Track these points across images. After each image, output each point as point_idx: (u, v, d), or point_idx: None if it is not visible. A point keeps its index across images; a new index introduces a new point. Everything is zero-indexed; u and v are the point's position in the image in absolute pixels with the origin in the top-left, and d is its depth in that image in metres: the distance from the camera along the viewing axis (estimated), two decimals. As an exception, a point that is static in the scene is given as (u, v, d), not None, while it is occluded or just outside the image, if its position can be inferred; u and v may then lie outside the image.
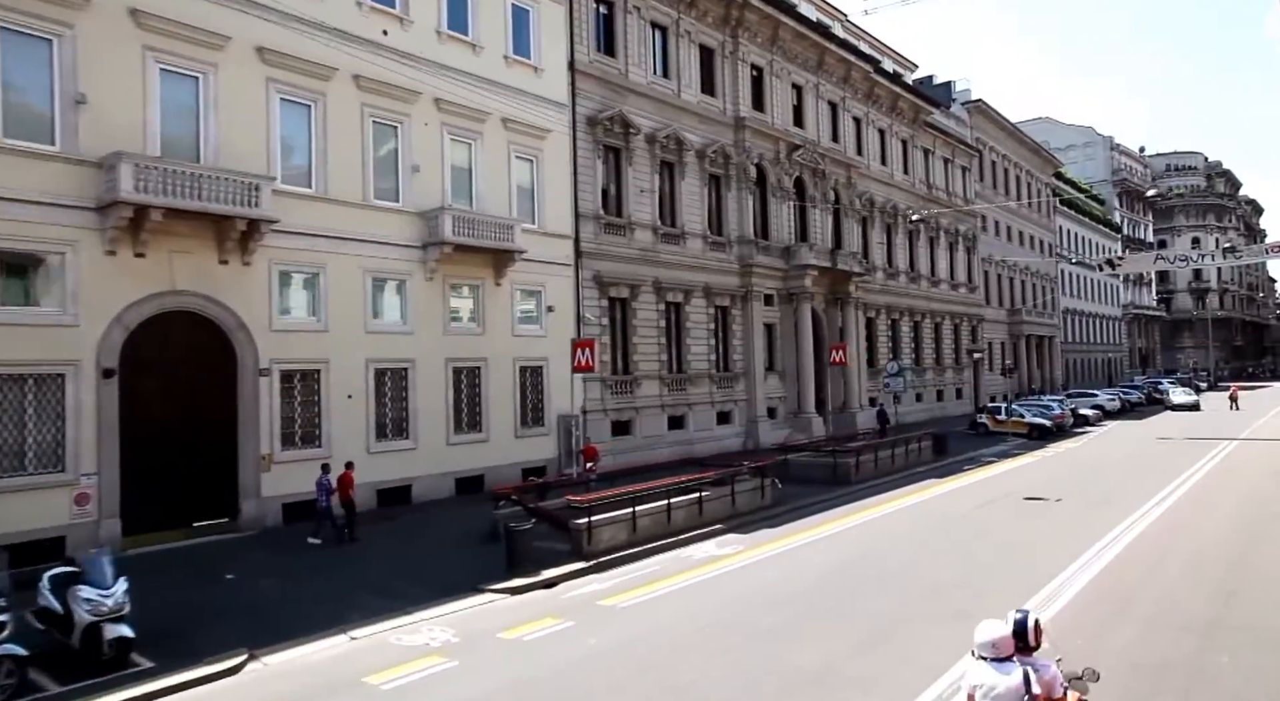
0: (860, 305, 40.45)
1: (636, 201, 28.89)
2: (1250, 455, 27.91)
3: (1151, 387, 63.09)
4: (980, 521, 17.92)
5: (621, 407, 27.67)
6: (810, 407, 34.87)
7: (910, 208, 46.09)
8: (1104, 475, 24.03)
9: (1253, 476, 22.72)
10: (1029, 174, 66.85)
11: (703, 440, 30.68)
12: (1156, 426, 41.41)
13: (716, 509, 18.11)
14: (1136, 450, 30.63)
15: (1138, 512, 17.85)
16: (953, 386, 50.76)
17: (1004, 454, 30.65)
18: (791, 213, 36.57)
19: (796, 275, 34.87)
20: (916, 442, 27.63)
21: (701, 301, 31.35)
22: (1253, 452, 28.60)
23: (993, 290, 58.15)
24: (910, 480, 24.27)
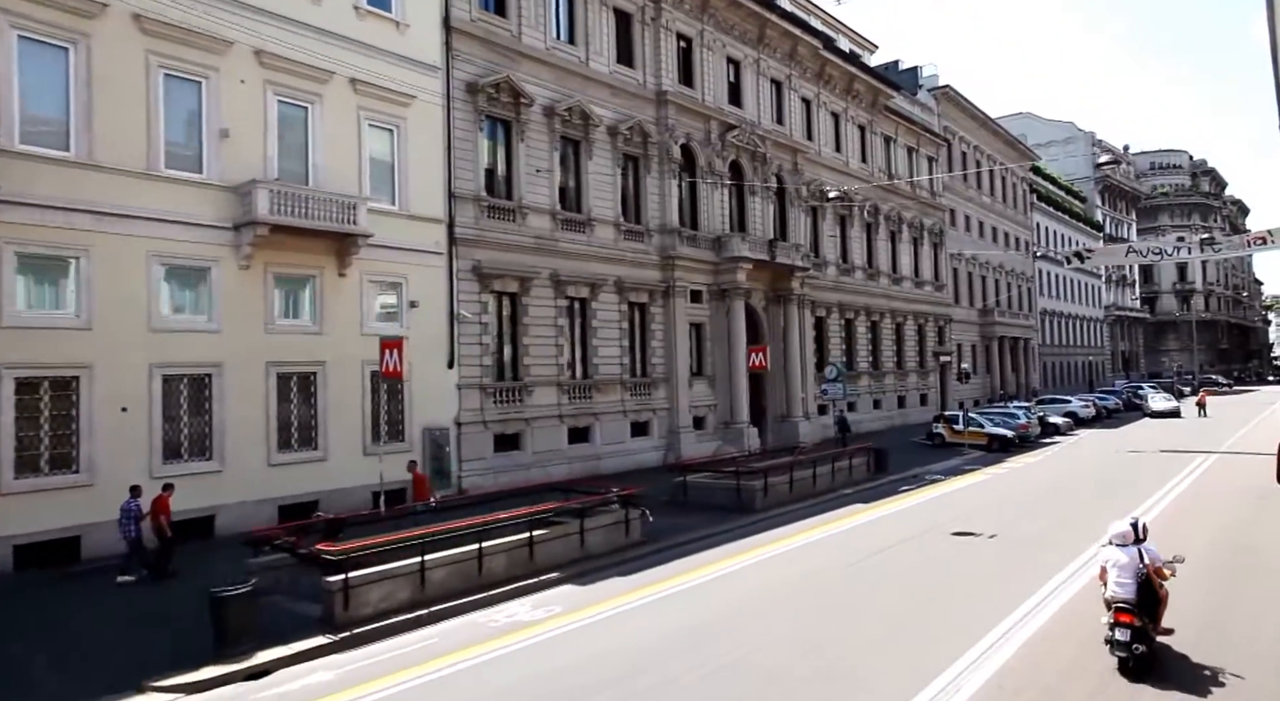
0: (807, 303, 36.84)
1: (530, 182, 25.21)
2: (1228, 472, 24.37)
3: (1131, 393, 59.82)
4: (885, 569, 14.27)
5: (508, 418, 23.95)
6: (743, 417, 31.21)
7: (865, 196, 42.55)
8: (1056, 499, 20.43)
9: (1230, 502, 19.15)
10: (1004, 167, 63.46)
11: (613, 454, 27.00)
12: (1130, 436, 37.92)
13: (557, 552, 14.43)
14: (1102, 466, 27.08)
15: (1082, 558, 14.24)
16: (916, 391, 47.22)
17: (954, 470, 27.06)
18: (726, 200, 32.94)
19: (728, 269, 31.24)
20: (847, 459, 23.96)
21: (613, 297, 27.68)
22: (1231, 469, 25.07)
23: (963, 289, 54.69)
24: (831, 506, 20.64)
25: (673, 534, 17.13)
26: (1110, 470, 25.89)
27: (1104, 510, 17.37)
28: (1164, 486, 21.79)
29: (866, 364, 42.23)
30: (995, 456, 31.11)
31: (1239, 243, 29.49)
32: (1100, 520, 17.04)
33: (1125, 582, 9.06)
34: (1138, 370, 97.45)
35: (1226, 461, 27.24)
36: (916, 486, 23.71)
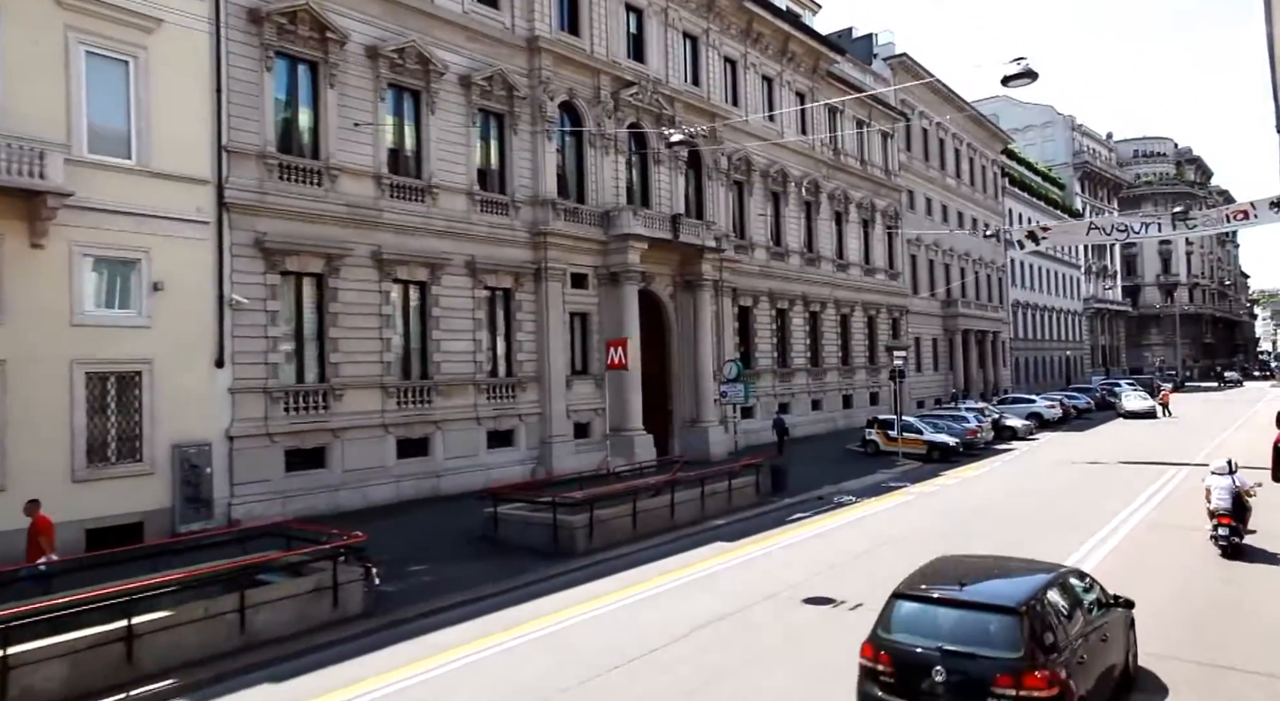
0: (727, 291, 32.16)
1: (346, 138, 20.43)
2: (1200, 495, 19.77)
3: (1106, 390, 55.44)
4: (656, 681, 9.58)
5: (306, 429, 19.20)
6: (635, 423, 26.51)
7: (804, 172, 37.86)
8: (970, 541, 15.76)
9: (1196, 547, 14.52)
10: (971, 148, 58.91)
11: (461, 470, 22.29)
12: (1096, 442, 33.41)
13: (189, 643, 9.69)
14: (1047, 485, 22.51)
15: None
16: (865, 390, 42.62)
17: (871, 490, 22.45)
18: (621, 170, 28.18)
19: (618, 248, 26.51)
20: (726, 480, 19.24)
21: (464, 280, 22.94)
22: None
23: (922, 278, 50.10)
24: (683, 545, 15.97)
25: (426, 597, 12.45)
26: (1055, 490, 21.30)
27: (1036, 552, 12.73)
28: (1120, 513, 17.17)
29: (804, 360, 37.60)
30: (932, 468, 26.54)
31: (1216, 217, 24.96)
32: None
33: (1224, 498, 13.83)
34: (1118, 366, 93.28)
35: (1200, 477, 22.67)
36: (812, 514, 19.06)
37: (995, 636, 6.90)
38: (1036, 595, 7.31)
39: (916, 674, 6.91)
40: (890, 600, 7.62)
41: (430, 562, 14.39)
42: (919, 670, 6.90)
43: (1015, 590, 7.48)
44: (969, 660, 6.79)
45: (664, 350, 29.83)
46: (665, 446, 29.39)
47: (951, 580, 7.74)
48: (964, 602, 7.31)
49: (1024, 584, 7.67)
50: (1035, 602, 7.16)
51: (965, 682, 6.73)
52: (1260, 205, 23.91)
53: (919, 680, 6.88)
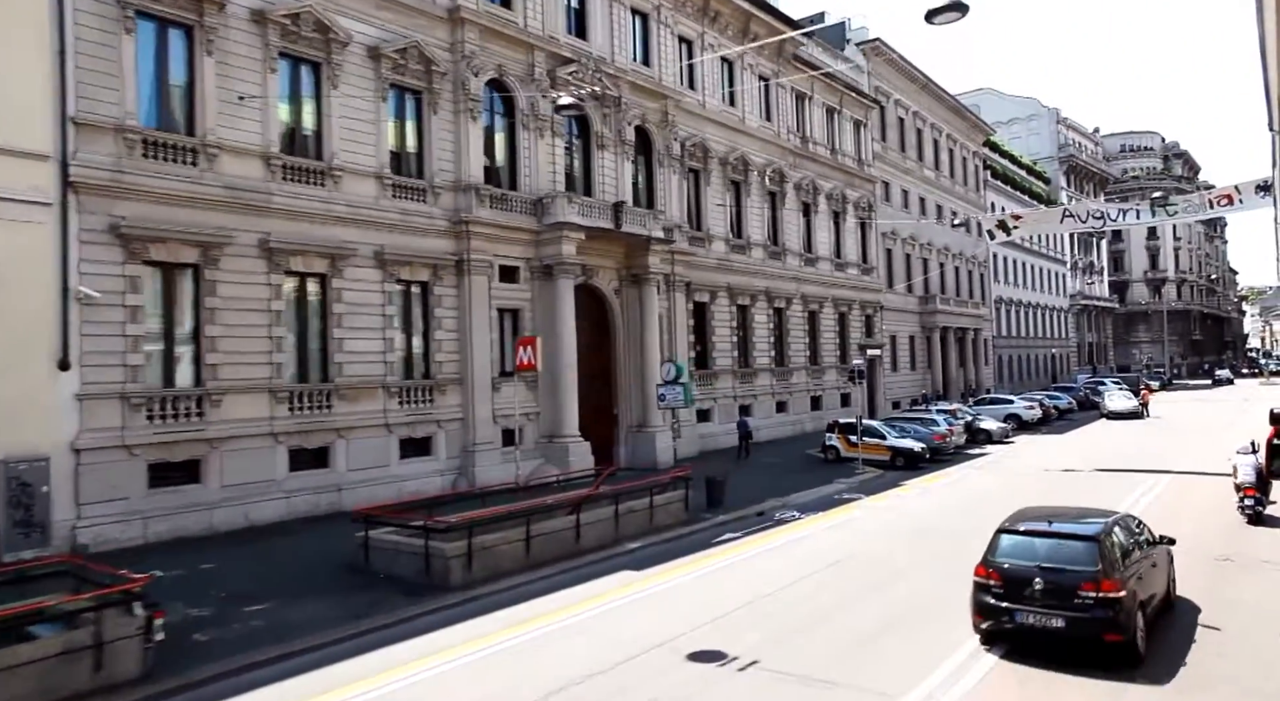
0: (679, 285, 30.05)
1: (226, 113, 18.20)
2: (1181, 509, 17.78)
3: (1090, 390, 53.58)
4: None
5: (177, 439, 16.99)
6: (571, 429, 24.37)
7: (768, 160, 35.74)
8: (913, 573, 13.69)
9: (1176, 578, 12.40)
10: (951, 139, 56.92)
11: (369, 482, 20.10)
12: (1074, 446, 31.44)
13: None
14: (1015, 497, 20.36)
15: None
16: (835, 390, 40.52)
17: (819, 503, 20.38)
18: (558, 155, 26.01)
19: (552, 239, 24.35)
20: (648, 496, 17.05)
21: (372, 273, 20.75)
22: (1186, 504, 18.51)
23: (898, 273, 48.06)
24: (583, 576, 13.84)
25: (242, 648, 10.28)
26: (1019, 505, 19.19)
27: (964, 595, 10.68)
28: None
29: (768, 359, 35.50)
30: (895, 477, 24.51)
31: (1199, 202, 22.97)
32: (948, 628, 10.39)
33: (1249, 474, 16.41)
34: (1105, 363, 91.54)
35: (1182, 489, 20.68)
36: (744, 535, 16.95)
37: (1079, 556, 9.41)
38: (1106, 529, 9.89)
39: (1019, 584, 9.41)
40: (995, 535, 10.22)
41: (274, 600, 12.23)
42: (1022, 582, 9.40)
43: (1090, 526, 10.08)
44: (1060, 573, 9.31)
45: (609, 350, 27.69)
46: (610, 453, 27.30)
47: (1041, 520, 10.52)
48: (1054, 534, 9.96)
49: (1096, 522, 10.29)
50: (1106, 534, 9.74)
51: (1057, 589, 9.20)
52: (1245, 189, 21.92)
53: (1022, 589, 9.38)
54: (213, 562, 14.53)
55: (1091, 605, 9.04)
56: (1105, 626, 9.00)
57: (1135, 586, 9.45)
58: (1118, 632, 9.01)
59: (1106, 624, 8.99)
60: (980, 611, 9.77)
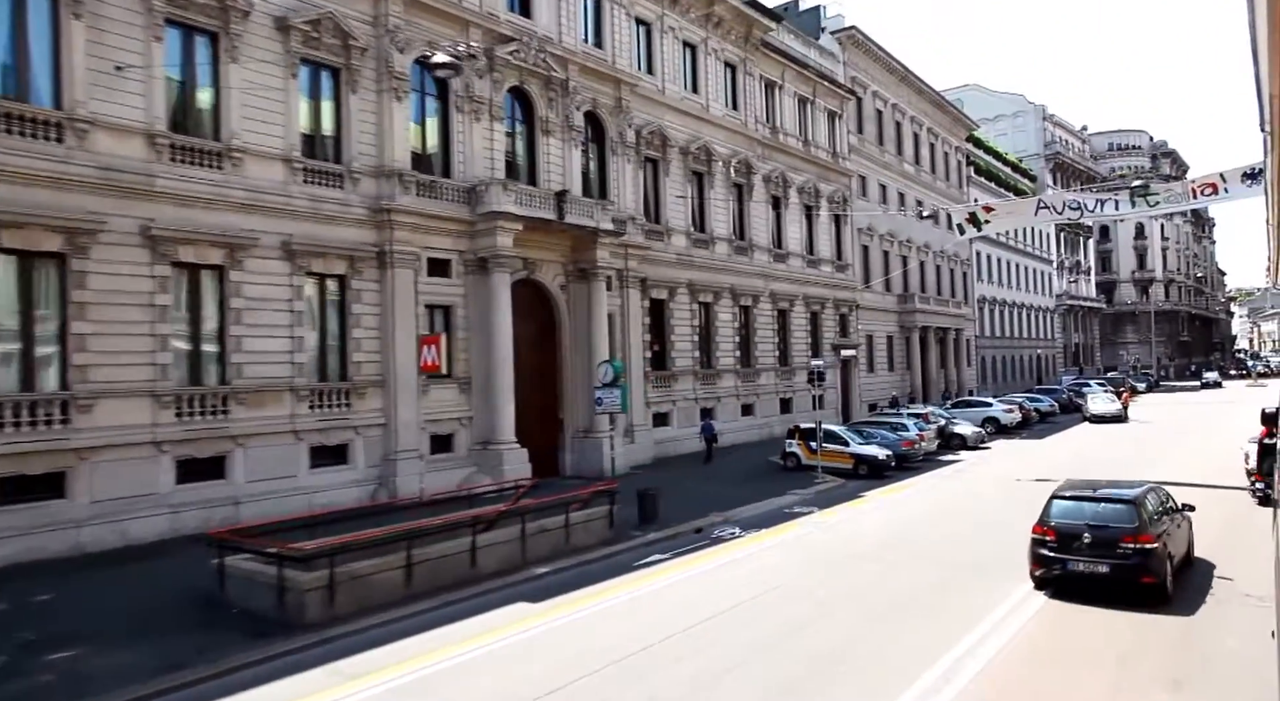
0: (635, 281, 28.28)
1: (99, 85, 16.34)
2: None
3: (1073, 392, 52.05)
4: None
5: (34, 450, 15.12)
6: (506, 435, 22.56)
7: (733, 150, 33.98)
8: (841, 611, 11.93)
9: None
10: (932, 133, 55.32)
11: (274, 494, 18.27)
12: (1051, 453, 29.79)
13: None
14: (977, 512, 18.77)
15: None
16: (807, 392, 38.54)
17: (766, 518, 18.63)
18: (497, 139, 24.19)
19: (486, 230, 22.54)
20: (563, 513, 15.22)
21: (277, 265, 18.92)
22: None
23: (875, 270, 46.35)
24: (471, 608, 12.04)
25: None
26: (978, 523, 17.52)
27: (901, 644, 8.93)
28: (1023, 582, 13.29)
29: (732, 359, 33.75)
30: (856, 487, 22.80)
31: (1181, 192, 21.32)
32: (874, 665, 8.63)
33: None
34: (1092, 364, 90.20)
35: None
36: (672, 556, 15.17)
37: (1120, 516, 11.60)
38: (1141, 495, 12.06)
39: (1070, 539, 11.65)
40: (1049, 500, 12.47)
41: (90, 643, 10.40)
42: (1072, 537, 11.65)
43: (1129, 491, 12.30)
44: (1104, 529, 11.51)
45: (554, 350, 25.90)
46: (555, 460, 25.55)
47: (1087, 488, 12.97)
48: (1099, 498, 12.25)
49: (1133, 489, 12.48)
50: (1142, 498, 11.93)
51: (1103, 542, 11.40)
52: (1231, 177, 20.28)
53: (1071, 542, 11.62)
54: (51, 592, 12.68)
55: (1131, 554, 11.15)
56: (1142, 571, 11.11)
57: (1165, 540, 11.54)
58: (1152, 576, 11.15)
59: (1143, 569, 11.11)
60: (1037, 561, 11.98)
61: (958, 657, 9.47)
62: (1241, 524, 16.15)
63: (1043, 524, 12.04)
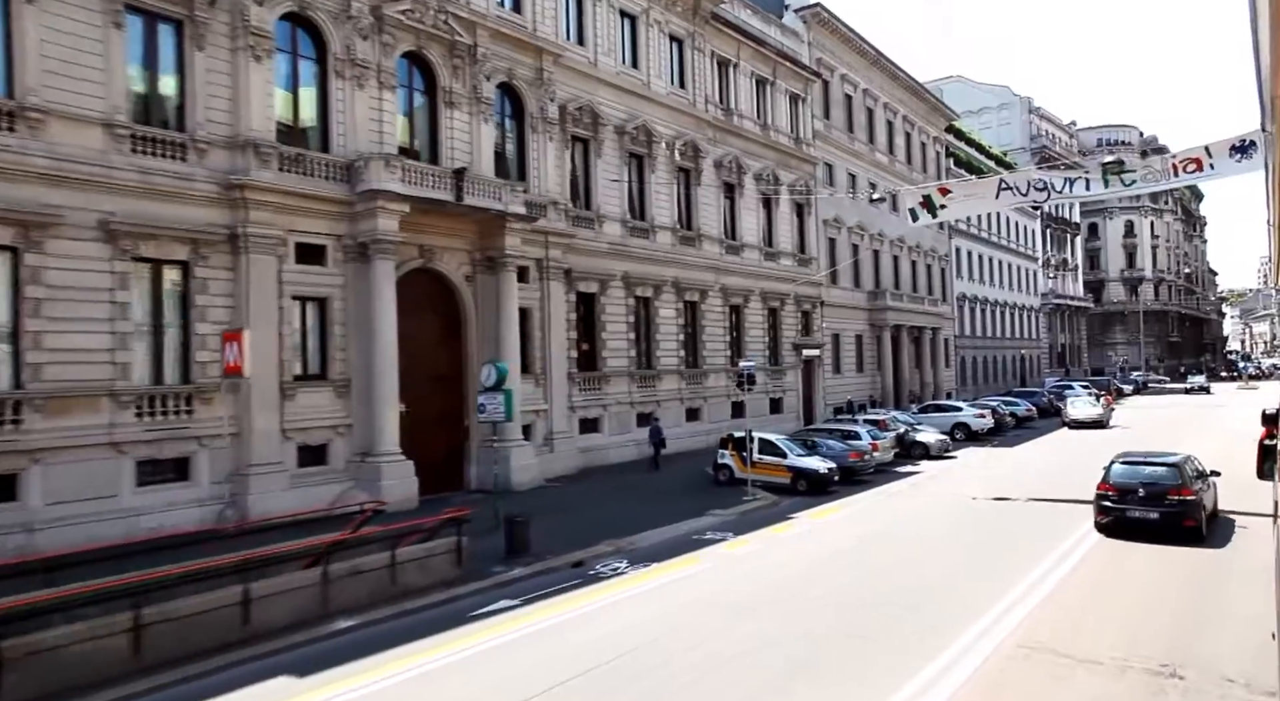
0: (559, 272, 25.48)
1: None
2: (1125, 569, 13.34)
3: (1055, 394, 49.40)
4: None
5: None
6: (389, 445, 19.68)
7: (678, 132, 31.13)
8: (680, 686, 9.12)
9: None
10: (908, 122, 52.58)
11: (85, 519, 15.41)
12: (1019, 464, 27.06)
13: None
14: (914, 542, 15.96)
15: None
16: (764, 395, 36.00)
17: (668, 547, 15.80)
18: (387, 110, 21.30)
19: (366, 212, 19.66)
20: (387, 546, 12.27)
21: (94, 248, 16.04)
22: (1132, 558, 14.06)
23: (844, 265, 43.55)
24: (211, 690, 9.14)
25: None
26: (911, 556, 14.71)
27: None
28: (957, 639, 10.44)
29: (676, 360, 30.93)
30: (788, 506, 20.06)
31: (1161, 169, 18.51)
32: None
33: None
34: (1079, 366, 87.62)
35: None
36: (526, 602, 12.31)
37: (1166, 476, 15.07)
38: (1181, 461, 15.64)
39: (1127, 493, 15.20)
40: (1110, 464, 16.16)
41: None
42: (1128, 491, 15.19)
43: (1172, 458, 15.91)
44: (1154, 486, 14.98)
45: (459, 349, 23.05)
46: (458, 473, 22.71)
47: (1139, 456, 16.73)
48: (1150, 462, 15.88)
49: (1175, 457, 16.04)
50: (1182, 463, 15.52)
51: (1153, 495, 14.83)
52: (1217, 151, 17.52)
53: (1128, 496, 15.16)
54: None
55: (1176, 504, 14.66)
56: (1185, 516, 14.64)
57: (1201, 495, 14.97)
58: (1193, 520, 14.65)
59: (1185, 515, 14.64)
60: (1101, 511, 15.41)
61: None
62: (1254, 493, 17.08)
63: (1105, 482, 15.62)
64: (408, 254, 21.22)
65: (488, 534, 15.07)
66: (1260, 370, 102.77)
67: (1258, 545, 14.15)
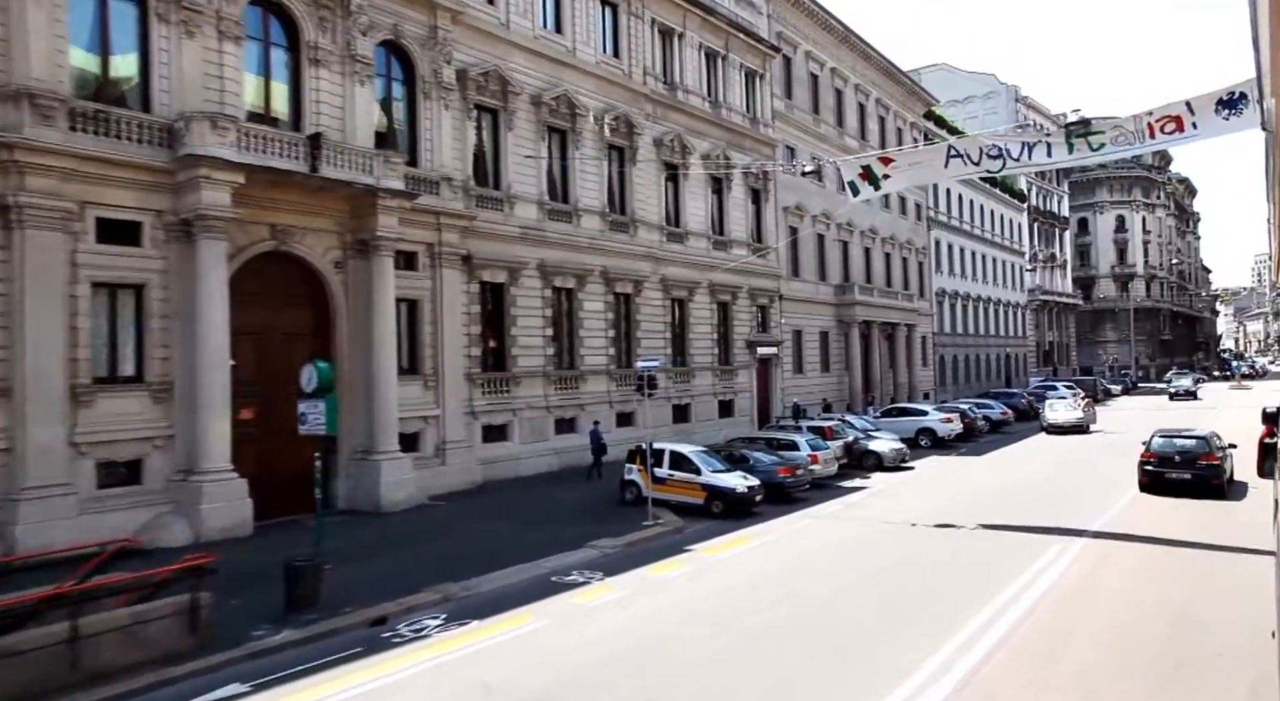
0: (454, 259, 22.27)
1: None
2: (1098, 641, 10.26)
3: (1035, 396, 46.33)
4: None
5: None
6: (215, 461, 16.44)
7: (608, 104, 27.89)
8: None
9: None
10: (882, 106, 49.40)
11: None
12: (981, 477, 23.92)
13: None
14: (827, 583, 12.81)
15: None
16: (712, 398, 32.84)
17: (512, 596, 12.62)
18: (228, 63, 18.03)
19: (188, 183, 16.41)
20: (68, 613, 9.07)
21: None
22: (1092, 614, 10.99)
23: (807, 257, 40.43)
24: None
25: None
26: (800, 621, 11.49)
27: None
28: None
29: (605, 358, 27.74)
30: (695, 532, 16.92)
31: (1134, 130, 15.37)
32: None
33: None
34: (1068, 364, 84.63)
35: (1100, 567, 13.05)
36: (262, 687, 9.10)
37: (1197, 446, 19.50)
38: (1209, 435, 20.18)
39: (1165, 459, 19.43)
40: (1151, 437, 20.33)
41: None
42: (1166, 458, 19.46)
43: (1200, 432, 20.48)
44: (1187, 452, 19.39)
45: (327, 346, 19.80)
46: (327, 490, 19.40)
47: (1174, 430, 21.09)
48: (1183, 435, 20.40)
49: (1203, 432, 20.46)
50: (1209, 436, 20.05)
51: (1187, 460, 19.19)
52: (1202, 107, 14.40)
53: (1166, 461, 19.40)
54: None
55: (1205, 467, 19.06)
56: (1213, 476, 19.04)
57: (1223, 461, 19.44)
58: (1218, 479, 19.09)
59: (1213, 476, 19.05)
60: (1144, 474, 19.76)
61: None
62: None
63: (1147, 449, 19.96)
64: (255, 235, 18.02)
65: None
66: (1254, 369, 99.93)
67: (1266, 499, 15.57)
